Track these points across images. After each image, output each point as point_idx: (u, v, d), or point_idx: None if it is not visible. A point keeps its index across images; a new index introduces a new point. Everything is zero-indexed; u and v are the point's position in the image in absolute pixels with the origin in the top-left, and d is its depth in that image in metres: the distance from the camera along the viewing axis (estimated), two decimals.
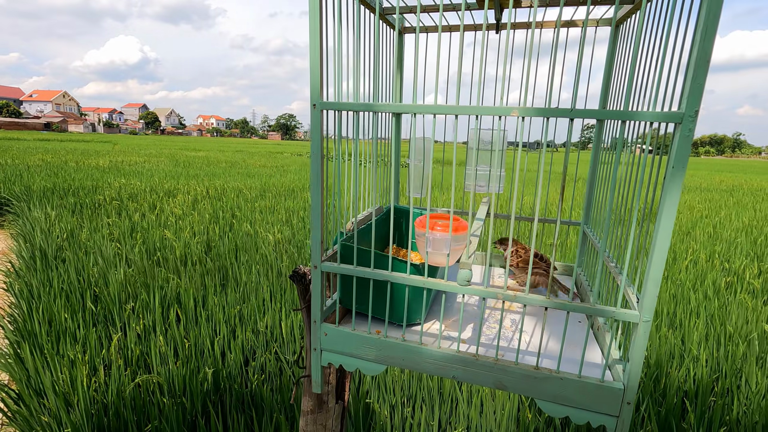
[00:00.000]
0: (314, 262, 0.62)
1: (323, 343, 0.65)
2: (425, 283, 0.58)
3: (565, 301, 0.52)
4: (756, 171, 24.14)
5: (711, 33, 0.39)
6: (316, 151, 0.59)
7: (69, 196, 5.33)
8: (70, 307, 2.25)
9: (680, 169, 0.43)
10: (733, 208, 7.00)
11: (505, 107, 0.50)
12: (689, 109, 0.42)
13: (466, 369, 0.58)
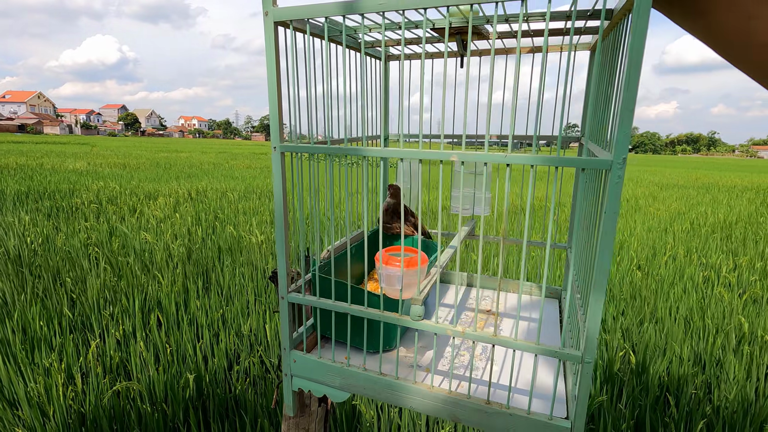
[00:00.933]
0: (281, 293, 0.65)
1: (293, 369, 0.68)
2: (381, 316, 0.60)
3: (509, 338, 0.53)
4: (730, 168, 24.92)
5: (633, 83, 0.40)
6: (279, 192, 0.60)
7: (44, 200, 5.17)
8: (46, 313, 2.18)
9: (612, 215, 0.44)
10: (709, 204, 7.20)
11: (444, 152, 0.51)
12: (617, 157, 0.42)
13: (422, 401, 0.60)
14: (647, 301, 2.66)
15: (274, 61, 0.55)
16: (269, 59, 0.55)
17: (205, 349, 1.98)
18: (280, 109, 0.57)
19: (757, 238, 4.61)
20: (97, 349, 1.92)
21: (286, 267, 0.63)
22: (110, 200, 5.36)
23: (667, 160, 43.35)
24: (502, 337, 0.54)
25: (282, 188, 0.60)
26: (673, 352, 2.03)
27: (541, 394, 0.63)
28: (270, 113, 0.58)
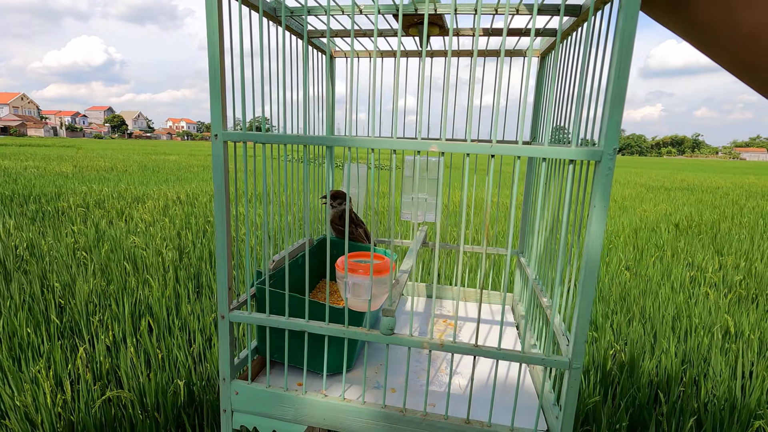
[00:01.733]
0: (221, 312, 0.55)
1: (234, 404, 0.58)
2: (345, 332, 0.53)
3: (493, 349, 0.49)
4: (714, 170, 25.44)
5: (624, 72, 0.39)
6: (219, 185, 0.52)
7: (29, 204, 5.07)
8: (33, 320, 2.13)
9: (602, 209, 0.42)
10: (694, 205, 7.34)
11: (423, 141, 0.46)
12: (608, 147, 0.41)
13: (393, 426, 0.53)
14: (636, 301, 2.70)
15: (217, 33, 0.48)
16: (210, 31, 0.48)
17: (199, 353, 1.96)
18: (224, 90, 0.51)
19: (741, 237, 4.71)
20: (87, 355, 1.89)
21: (228, 279, 0.55)
22: (97, 204, 5.28)
23: (653, 162, 44.11)
24: (486, 347, 0.50)
25: (224, 185, 0.53)
26: (662, 350, 2.06)
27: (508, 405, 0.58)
28: (211, 96, 0.51)
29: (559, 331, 0.53)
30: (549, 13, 0.58)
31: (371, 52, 0.84)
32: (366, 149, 0.54)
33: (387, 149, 0.51)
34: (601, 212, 0.42)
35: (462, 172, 0.48)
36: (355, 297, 0.59)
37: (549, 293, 0.62)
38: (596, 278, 0.44)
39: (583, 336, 0.46)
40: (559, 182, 0.58)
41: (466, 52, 0.79)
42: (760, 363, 1.98)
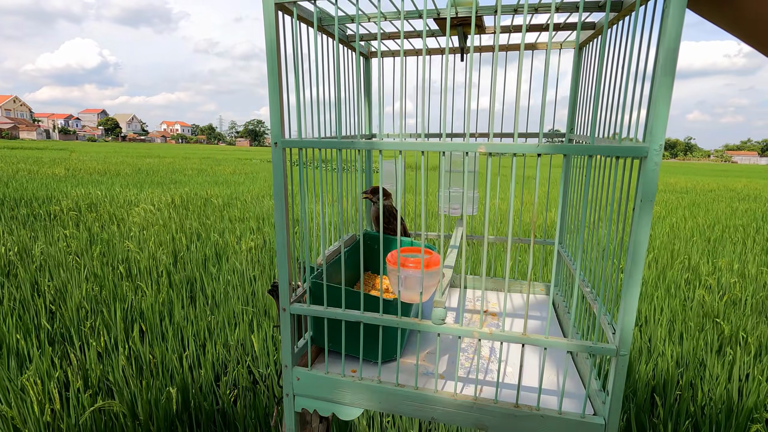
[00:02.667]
0: (283, 305, 0.60)
1: (296, 388, 0.63)
2: (398, 323, 0.56)
3: (541, 338, 0.51)
4: (706, 173, 25.69)
5: (671, 69, 0.39)
6: (279, 191, 0.55)
7: (21, 207, 5.01)
8: (23, 326, 2.10)
9: (648, 203, 0.43)
10: (687, 208, 7.40)
11: (473, 143, 0.48)
12: (654, 144, 0.42)
13: (445, 410, 0.56)
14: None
15: (275, 48, 0.49)
16: (269, 46, 0.49)
17: (192, 360, 1.93)
18: (281, 100, 0.52)
19: (735, 240, 4.74)
20: (77, 362, 1.86)
21: (289, 276, 0.59)
22: (90, 207, 5.22)
23: None
24: (534, 336, 0.51)
25: (284, 189, 0.55)
26: (658, 353, 2.06)
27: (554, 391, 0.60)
28: (270, 105, 0.52)
29: (605, 320, 0.54)
30: (589, 9, 0.58)
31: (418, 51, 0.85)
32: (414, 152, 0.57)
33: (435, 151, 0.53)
34: (647, 206, 0.43)
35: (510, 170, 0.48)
36: (407, 289, 0.63)
37: (592, 284, 0.64)
38: (642, 269, 0.45)
39: (630, 324, 0.47)
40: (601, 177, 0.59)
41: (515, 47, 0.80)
42: (757, 366, 1.99)
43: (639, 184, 0.44)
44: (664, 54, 0.39)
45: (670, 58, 0.39)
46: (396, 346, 0.66)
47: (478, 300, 0.92)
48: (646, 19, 0.46)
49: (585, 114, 0.73)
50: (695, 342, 2.18)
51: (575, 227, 0.75)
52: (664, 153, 61.88)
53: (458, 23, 0.62)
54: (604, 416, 0.51)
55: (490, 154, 0.48)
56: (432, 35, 0.76)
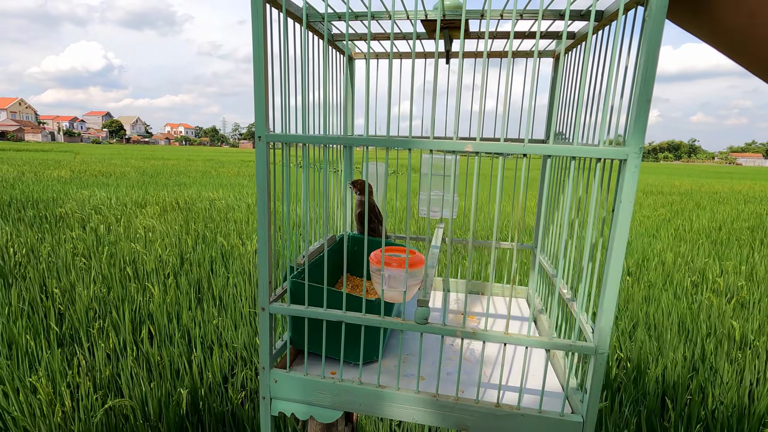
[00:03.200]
0: (262, 304, 0.58)
1: (273, 391, 0.61)
2: (381, 322, 0.55)
3: (522, 336, 0.52)
4: (710, 175, 25.58)
5: (650, 75, 0.41)
6: (262, 185, 0.54)
7: (27, 209, 5.04)
8: (33, 327, 2.11)
9: (628, 204, 0.45)
10: (693, 210, 7.37)
11: (459, 142, 0.48)
12: (634, 146, 0.43)
13: (426, 411, 0.56)
14: (640, 307, 2.69)
15: (262, 41, 0.49)
16: (256, 39, 0.49)
17: (200, 361, 1.93)
18: (267, 94, 0.52)
19: (741, 243, 4.72)
20: (87, 363, 1.86)
21: (269, 274, 0.57)
22: (96, 209, 5.25)
23: (650, 167, 44.31)
24: (516, 336, 0.52)
25: (266, 184, 0.55)
26: (668, 357, 2.05)
27: (535, 391, 0.61)
28: (255, 99, 0.52)
29: (583, 320, 0.55)
30: (572, 18, 0.59)
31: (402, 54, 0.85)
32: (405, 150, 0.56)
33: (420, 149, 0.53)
34: (627, 207, 0.44)
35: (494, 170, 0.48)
36: (391, 289, 0.62)
37: (570, 285, 0.64)
38: (621, 270, 0.47)
39: (608, 324, 0.48)
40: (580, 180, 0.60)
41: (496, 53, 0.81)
42: (767, 370, 1.97)
43: (619, 186, 0.45)
44: (644, 62, 0.41)
45: (650, 66, 0.41)
46: (378, 347, 0.64)
47: (458, 302, 0.92)
48: (626, 29, 0.48)
49: (564, 119, 0.75)
50: (704, 345, 2.16)
51: (554, 229, 0.76)
52: (668, 155, 61.52)
53: (444, 26, 0.63)
54: (582, 414, 0.52)
55: (477, 154, 0.49)
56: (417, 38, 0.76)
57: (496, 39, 0.73)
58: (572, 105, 0.69)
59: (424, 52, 0.83)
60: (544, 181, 0.85)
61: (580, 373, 0.59)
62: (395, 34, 0.75)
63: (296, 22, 0.61)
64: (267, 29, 0.50)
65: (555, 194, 0.77)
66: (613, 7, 0.52)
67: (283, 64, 0.54)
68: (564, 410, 0.53)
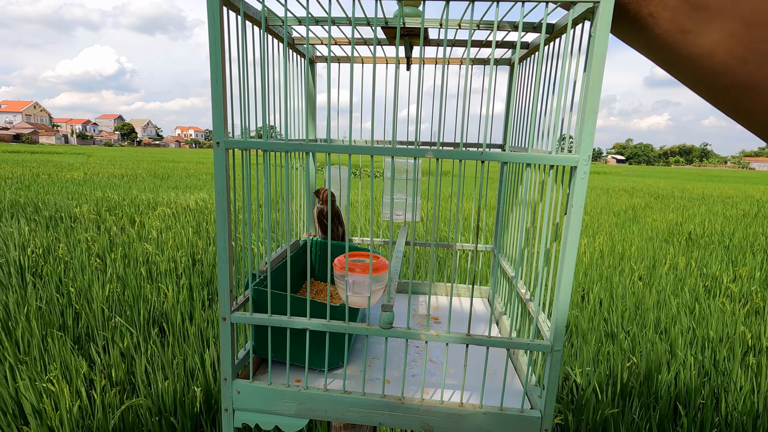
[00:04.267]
0: (223, 314, 0.57)
1: (236, 402, 0.60)
2: (346, 328, 0.56)
3: (484, 337, 0.53)
4: (723, 179, 25.21)
5: (596, 88, 0.43)
6: (221, 192, 0.54)
7: (43, 210, 5.14)
8: (50, 325, 2.15)
9: (579, 208, 0.47)
10: (705, 215, 7.28)
11: (420, 148, 0.50)
12: (583, 154, 0.46)
13: (392, 414, 0.56)
14: (651, 312, 2.67)
15: (219, 42, 0.49)
16: (212, 40, 0.49)
17: (213, 360, 1.96)
18: (225, 98, 0.52)
19: (755, 249, 4.65)
20: (103, 361, 1.90)
21: (230, 282, 0.56)
22: (109, 210, 5.34)
23: (661, 171, 43.80)
24: (477, 336, 0.53)
25: (225, 191, 0.54)
26: (680, 362, 2.04)
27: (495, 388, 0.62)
28: (213, 104, 0.51)
29: (540, 319, 0.57)
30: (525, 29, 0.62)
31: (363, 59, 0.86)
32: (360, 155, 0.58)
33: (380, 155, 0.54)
34: (578, 211, 0.47)
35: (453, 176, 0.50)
36: (356, 294, 0.62)
37: (528, 286, 0.66)
38: (573, 270, 0.49)
39: (562, 322, 0.51)
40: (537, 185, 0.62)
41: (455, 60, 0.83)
42: None
43: (571, 191, 0.47)
44: (590, 75, 0.43)
45: (596, 79, 0.43)
46: (342, 353, 0.64)
47: (421, 304, 0.93)
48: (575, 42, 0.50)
49: (518, 127, 0.77)
50: (717, 351, 2.14)
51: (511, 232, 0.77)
52: (679, 159, 60.59)
53: (404, 33, 0.64)
54: (540, 409, 0.54)
55: (437, 159, 0.51)
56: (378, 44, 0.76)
57: (454, 47, 0.75)
58: (527, 113, 0.71)
59: (386, 58, 0.84)
60: (502, 185, 0.87)
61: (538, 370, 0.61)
62: (356, 39, 0.75)
63: (255, 25, 0.61)
64: (224, 32, 0.50)
65: (511, 197, 0.79)
66: (563, 21, 0.54)
67: (241, 67, 0.54)
68: (524, 406, 0.55)
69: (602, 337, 2.32)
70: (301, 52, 0.83)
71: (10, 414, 1.56)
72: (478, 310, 0.92)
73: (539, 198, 0.59)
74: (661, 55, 0.34)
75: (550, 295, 0.56)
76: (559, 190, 0.52)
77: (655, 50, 0.34)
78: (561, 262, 0.49)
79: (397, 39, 0.48)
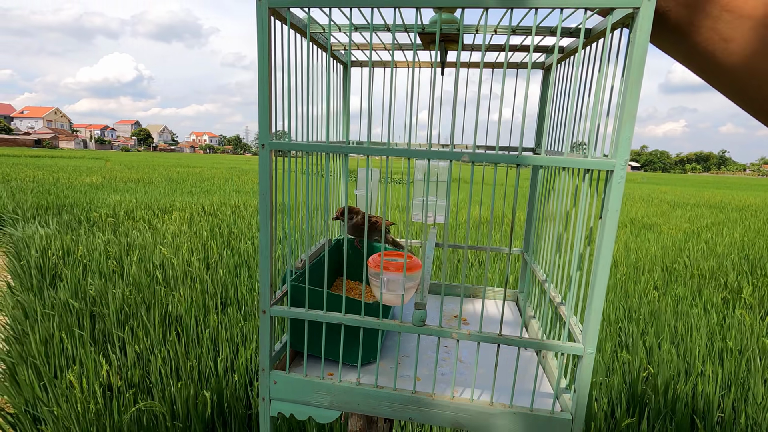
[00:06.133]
0: (263, 307, 0.59)
1: (273, 392, 0.62)
2: (380, 324, 0.57)
3: (515, 338, 0.54)
4: (742, 187, 24.64)
5: (635, 94, 0.44)
6: (265, 191, 0.56)
7: (63, 214, 5.27)
8: (68, 326, 2.20)
9: (614, 212, 0.47)
10: (723, 224, 7.12)
11: (456, 152, 0.51)
12: (620, 159, 0.46)
13: (422, 410, 0.57)
14: (668, 322, 2.62)
15: (267, 50, 0.51)
16: (261, 48, 0.51)
17: (226, 364, 1.98)
18: (271, 103, 0.53)
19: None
20: (118, 363, 1.94)
21: (270, 277, 0.58)
22: (127, 214, 5.44)
23: (678, 179, 43.00)
24: (509, 337, 0.54)
25: (269, 190, 0.56)
26: (698, 373, 1.99)
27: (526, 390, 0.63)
28: (259, 108, 0.53)
29: (572, 322, 0.57)
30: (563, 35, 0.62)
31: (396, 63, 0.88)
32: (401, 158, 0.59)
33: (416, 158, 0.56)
34: (613, 215, 0.47)
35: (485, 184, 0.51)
36: (390, 292, 0.64)
37: (559, 289, 0.66)
38: (608, 275, 0.49)
39: (596, 326, 0.50)
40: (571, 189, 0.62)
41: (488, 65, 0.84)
42: None
43: (606, 196, 0.48)
44: (628, 82, 0.43)
45: (634, 86, 0.43)
46: (375, 349, 0.66)
47: (450, 305, 0.95)
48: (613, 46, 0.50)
49: (551, 131, 0.76)
50: (737, 363, 2.09)
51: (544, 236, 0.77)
52: (696, 166, 59.43)
53: (441, 39, 0.65)
54: (571, 412, 0.54)
55: (472, 163, 0.51)
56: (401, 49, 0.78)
57: (489, 51, 0.76)
58: (561, 117, 0.71)
59: (419, 62, 0.86)
60: (535, 190, 0.87)
61: (569, 374, 0.61)
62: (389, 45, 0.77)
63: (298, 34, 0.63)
64: (271, 41, 0.52)
65: (543, 201, 0.79)
66: (600, 26, 0.54)
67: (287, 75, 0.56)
68: (554, 409, 0.55)
69: (617, 347, 2.29)
70: (339, 58, 0.85)
71: (29, 414, 1.59)
72: (507, 314, 0.92)
73: (572, 202, 0.59)
74: (701, 64, 0.34)
75: (583, 298, 0.55)
76: (594, 194, 0.52)
77: (694, 59, 0.34)
78: (595, 265, 0.49)
79: (437, 44, 0.50)
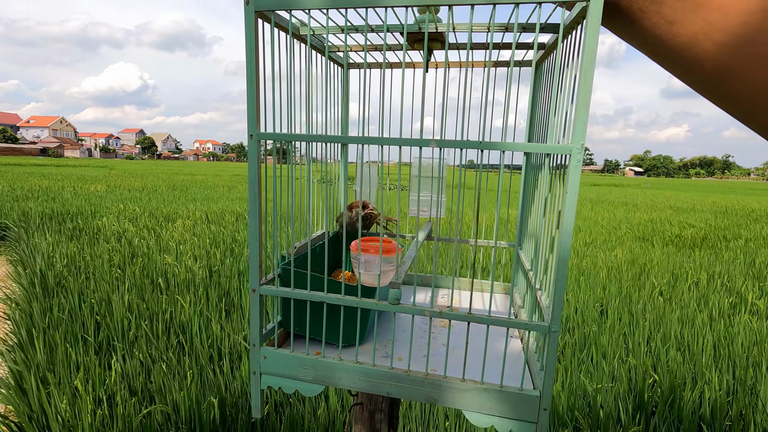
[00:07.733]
0: (253, 286, 0.64)
1: (263, 367, 0.67)
2: (359, 303, 0.61)
3: (484, 316, 0.57)
4: (746, 192, 24.50)
5: (588, 80, 0.47)
6: (253, 178, 0.61)
7: (68, 222, 5.30)
8: (72, 334, 2.21)
9: (573, 194, 0.51)
10: (728, 229, 7.08)
11: (424, 139, 0.54)
12: (576, 143, 0.49)
13: (398, 385, 0.61)
14: (673, 328, 2.60)
15: (254, 49, 0.56)
16: (248, 48, 0.56)
17: (226, 372, 1.98)
18: (258, 96, 0.58)
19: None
20: (122, 370, 1.94)
21: (259, 258, 0.63)
22: (131, 222, 5.47)
23: (681, 184, 42.81)
24: (477, 314, 0.57)
25: (257, 175, 0.61)
26: (705, 380, 1.97)
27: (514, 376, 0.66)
28: (247, 101, 0.58)
29: (544, 304, 0.60)
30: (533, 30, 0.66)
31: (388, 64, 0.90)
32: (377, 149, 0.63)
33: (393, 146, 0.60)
34: (572, 197, 0.51)
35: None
36: (367, 272, 0.69)
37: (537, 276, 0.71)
38: (569, 253, 0.51)
39: (559, 304, 0.54)
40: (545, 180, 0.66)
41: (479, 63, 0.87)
42: None
43: (566, 178, 0.51)
44: (583, 68, 0.47)
45: (587, 71, 0.47)
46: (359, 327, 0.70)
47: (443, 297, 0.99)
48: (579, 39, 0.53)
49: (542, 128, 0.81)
50: (744, 370, 2.07)
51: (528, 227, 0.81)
52: (700, 171, 59.08)
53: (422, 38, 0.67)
54: (539, 389, 0.57)
55: (440, 149, 0.54)
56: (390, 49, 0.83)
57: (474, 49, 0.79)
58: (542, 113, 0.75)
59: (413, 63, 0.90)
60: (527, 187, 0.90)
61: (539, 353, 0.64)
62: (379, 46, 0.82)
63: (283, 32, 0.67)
64: (258, 40, 0.57)
65: (530, 197, 0.83)
66: (568, 19, 0.58)
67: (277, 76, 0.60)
68: (523, 385, 0.58)
69: (622, 354, 2.27)
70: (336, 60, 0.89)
71: (35, 421, 1.59)
72: (499, 305, 0.96)
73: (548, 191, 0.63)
74: (652, 47, 0.36)
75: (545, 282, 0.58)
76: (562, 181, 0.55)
77: (646, 43, 0.37)
78: (556, 246, 0.52)
79: (425, 44, 0.53)
